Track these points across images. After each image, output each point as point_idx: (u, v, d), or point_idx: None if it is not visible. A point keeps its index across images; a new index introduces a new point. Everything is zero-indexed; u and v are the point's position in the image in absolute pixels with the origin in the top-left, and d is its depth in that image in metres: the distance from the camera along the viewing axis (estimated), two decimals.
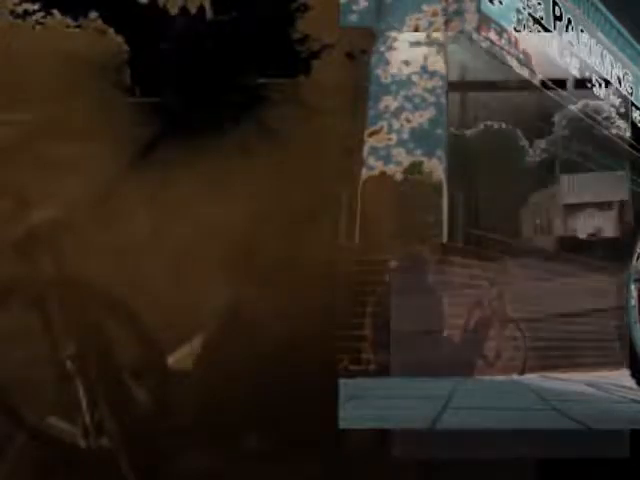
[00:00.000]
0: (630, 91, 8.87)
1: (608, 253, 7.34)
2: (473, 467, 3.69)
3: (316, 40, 4.16)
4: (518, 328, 6.96)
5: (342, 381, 3.93)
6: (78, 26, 4.08)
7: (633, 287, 4.59)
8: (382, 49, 6.75)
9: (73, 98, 3.95)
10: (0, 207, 3.83)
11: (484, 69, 7.27)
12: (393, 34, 6.74)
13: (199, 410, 3.77)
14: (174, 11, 4.17)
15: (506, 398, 5.31)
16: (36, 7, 4.10)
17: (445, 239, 6.78)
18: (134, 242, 3.85)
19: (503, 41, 7.31)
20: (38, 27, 4.09)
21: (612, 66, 8.72)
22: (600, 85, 8.44)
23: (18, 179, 3.86)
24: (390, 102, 6.73)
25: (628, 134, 8.29)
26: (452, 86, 6.95)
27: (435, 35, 6.76)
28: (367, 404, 4.68)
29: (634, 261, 4.63)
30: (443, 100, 6.84)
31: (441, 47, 6.80)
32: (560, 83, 7.86)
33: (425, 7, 6.75)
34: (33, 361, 3.78)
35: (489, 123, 7.39)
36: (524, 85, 7.55)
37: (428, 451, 3.74)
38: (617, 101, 8.49)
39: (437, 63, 6.80)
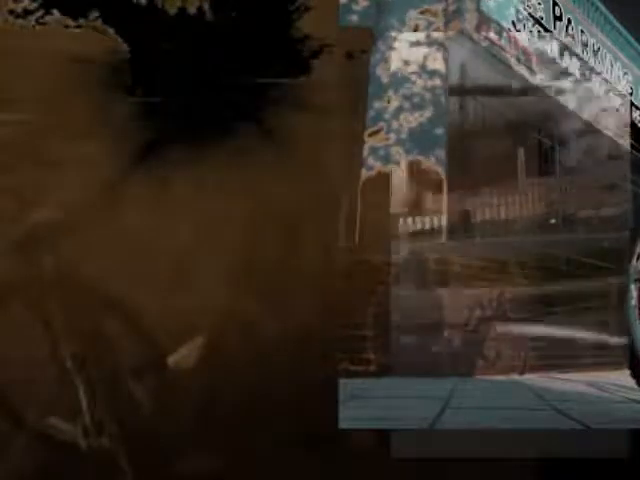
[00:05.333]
0: (630, 91, 8.87)
1: None
2: (473, 467, 3.69)
3: (316, 40, 4.16)
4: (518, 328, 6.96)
5: (342, 381, 3.93)
6: (78, 26, 4.09)
7: (633, 287, 4.59)
8: (382, 49, 6.75)
9: (73, 98, 3.95)
10: (0, 207, 3.83)
11: (484, 68, 7.28)
12: (393, 34, 6.75)
13: (198, 410, 3.77)
14: (173, 11, 4.17)
15: (506, 398, 5.31)
16: (35, 6, 4.10)
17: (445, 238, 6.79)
18: (134, 242, 3.85)
19: (503, 40, 7.32)
20: (38, 27, 4.09)
21: (612, 66, 8.73)
22: (600, 85, 8.44)
23: (18, 179, 3.86)
24: (390, 102, 6.73)
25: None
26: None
27: (435, 35, 6.76)
28: (367, 404, 4.69)
29: (634, 261, 4.63)
30: (443, 100, 6.85)
31: (441, 47, 6.81)
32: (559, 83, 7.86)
33: (425, 7, 6.75)
34: (33, 361, 3.78)
35: None
36: (523, 85, 7.55)
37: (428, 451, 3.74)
38: (617, 101, 8.50)
39: (437, 63, 6.80)
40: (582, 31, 8.32)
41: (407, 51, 6.77)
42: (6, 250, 3.82)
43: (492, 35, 7.18)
